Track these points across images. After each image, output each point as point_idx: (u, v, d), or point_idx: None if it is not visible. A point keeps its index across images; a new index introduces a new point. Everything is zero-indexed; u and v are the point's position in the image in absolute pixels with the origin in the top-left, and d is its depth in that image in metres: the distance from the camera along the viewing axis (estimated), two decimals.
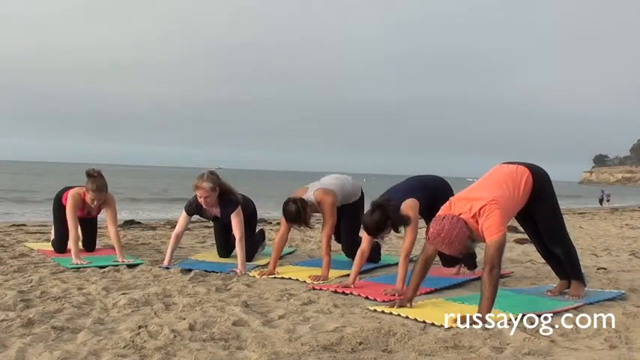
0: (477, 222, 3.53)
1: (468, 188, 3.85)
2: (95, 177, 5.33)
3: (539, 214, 4.00)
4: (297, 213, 4.70)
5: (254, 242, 5.82)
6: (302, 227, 4.92)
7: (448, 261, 4.99)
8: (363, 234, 4.40)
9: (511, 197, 3.72)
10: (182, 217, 5.24)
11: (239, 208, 5.17)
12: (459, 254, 3.64)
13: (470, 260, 4.92)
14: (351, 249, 5.13)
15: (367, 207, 4.34)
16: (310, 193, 4.90)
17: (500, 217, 3.51)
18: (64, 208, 5.46)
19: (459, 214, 3.54)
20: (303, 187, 5.06)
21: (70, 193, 5.42)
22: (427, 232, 3.59)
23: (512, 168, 3.90)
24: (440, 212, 3.67)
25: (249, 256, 5.94)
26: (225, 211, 5.17)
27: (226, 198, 5.18)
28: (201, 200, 5.09)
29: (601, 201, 34.52)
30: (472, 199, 3.62)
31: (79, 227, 5.45)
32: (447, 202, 3.73)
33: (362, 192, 5.44)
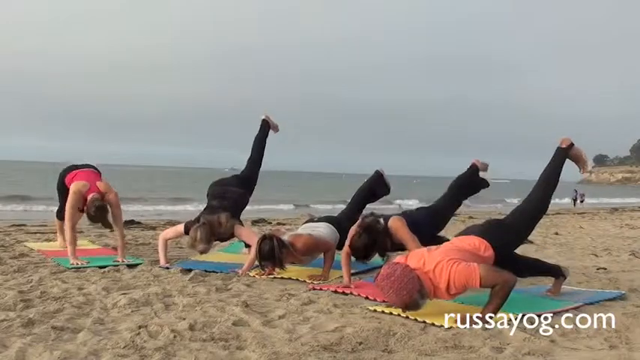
0: (430, 279, 3.43)
1: (426, 248, 3.74)
2: (94, 216, 5.12)
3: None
4: (272, 251, 4.49)
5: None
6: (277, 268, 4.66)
7: None
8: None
9: (472, 255, 3.61)
10: (178, 229, 5.21)
11: (239, 221, 5.21)
12: (403, 306, 3.47)
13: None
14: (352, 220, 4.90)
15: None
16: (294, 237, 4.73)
17: (466, 266, 3.40)
18: (65, 186, 5.39)
19: (413, 269, 3.44)
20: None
21: (73, 188, 5.19)
22: (377, 275, 3.51)
23: (468, 238, 3.79)
24: (394, 261, 3.57)
25: None
26: None
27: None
28: None
29: (574, 201, 31.37)
30: (426, 256, 3.53)
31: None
32: (404, 256, 3.63)
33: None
